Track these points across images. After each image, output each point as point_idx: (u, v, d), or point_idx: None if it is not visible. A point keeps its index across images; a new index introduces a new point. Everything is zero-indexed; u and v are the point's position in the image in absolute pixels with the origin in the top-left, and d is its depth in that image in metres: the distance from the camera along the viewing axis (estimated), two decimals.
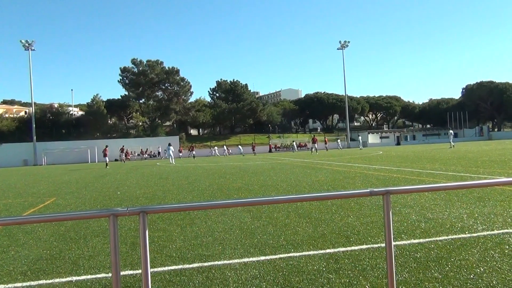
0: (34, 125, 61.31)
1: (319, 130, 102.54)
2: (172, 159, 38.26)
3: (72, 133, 69.68)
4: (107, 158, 37.80)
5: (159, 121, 78.55)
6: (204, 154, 61.21)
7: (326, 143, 57.34)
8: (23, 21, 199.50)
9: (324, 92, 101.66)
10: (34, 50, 62.67)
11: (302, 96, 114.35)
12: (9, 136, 64.77)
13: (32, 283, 4.46)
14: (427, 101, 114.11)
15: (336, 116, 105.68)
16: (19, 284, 4.43)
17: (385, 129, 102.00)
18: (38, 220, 2.79)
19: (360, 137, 64.51)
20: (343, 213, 7.40)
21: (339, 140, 62.36)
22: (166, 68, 77.98)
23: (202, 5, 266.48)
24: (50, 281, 4.49)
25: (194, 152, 53.90)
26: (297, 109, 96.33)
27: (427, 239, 5.43)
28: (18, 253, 5.82)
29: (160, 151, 62.70)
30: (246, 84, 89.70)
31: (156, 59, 78.09)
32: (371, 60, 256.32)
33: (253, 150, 61.82)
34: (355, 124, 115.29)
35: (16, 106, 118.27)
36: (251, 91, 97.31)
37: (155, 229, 6.84)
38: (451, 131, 45.96)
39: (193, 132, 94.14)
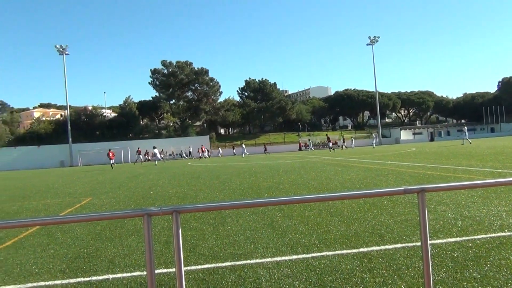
0: (69, 127, 63.21)
1: (349, 128, 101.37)
2: (156, 161, 40.85)
3: (105, 134, 71.28)
4: (112, 160, 38.45)
5: (190, 121, 79.42)
6: (231, 153, 61.33)
7: (330, 141, 54.09)
8: (57, 26, 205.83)
9: (354, 89, 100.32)
10: (68, 54, 64.60)
11: (332, 93, 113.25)
12: (46, 138, 66.89)
13: (71, 280, 4.59)
14: (461, 95, 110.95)
15: (366, 113, 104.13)
16: (59, 282, 4.57)
17: (417, 125, 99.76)
18: (75, 220, 2.87)
19: (374, 135, 62.61)
20: (376, 212, 7.29)
21: (375, 137, 59.86)
22: (196, 69, 78.81)
23: (230, 5, 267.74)
24: (88, 278, 4.61)
25: (205, 154, 52.86)
26: (326, 106, 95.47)
27: (464, 238, 5.28)
28: (57, 251, 6.00)
29: (191, 150, 63.38)
30: (274, 83, 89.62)
31: (186, 60, 79.11)
32: (402, 54, 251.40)
33: (265, 150, 60.36)
34: (387, 120, 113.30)
35: (52, 109, 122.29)
36: (280, 89, 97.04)
37: (188, 228, 6.92)
38: (465, 127, 44.77)
39: (223, 131, 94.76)
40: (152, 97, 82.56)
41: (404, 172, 14.66)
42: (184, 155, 61.79)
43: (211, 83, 79.51)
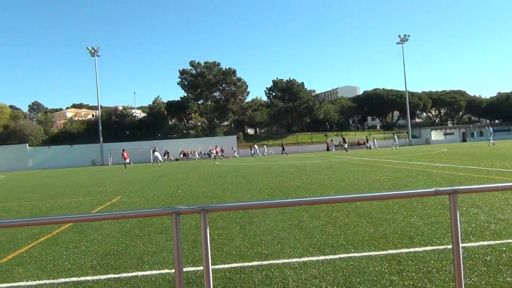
0: (100, 127, 64.71)
1: (378, 128, 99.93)
2: (159, 161, 42.50)
3: (135, 134, 72.59)
4: (127, 160, 40.37)
5: (217, 121, 79.97)
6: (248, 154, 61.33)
7: (346, 142, 52.23)
8: (89, 28, 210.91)
9: (383, 89, 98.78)
10: (99, 56, 66.22)
11: (360, 93, 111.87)
12: (78, 138, 68.65)
13: (101, 277, 4.69)
14: (495, 95, 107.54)
15: (396, 113, 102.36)
16: (90, 278, 4.68)
17: (449, 125, 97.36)
18: (106, 217, 2.94)
19: (395, 136, 60.82)
20: (406, 213, 7.16)
21: (396, 138, 58.38)
22: (223, 69, 79.30)
23: (257, 5, 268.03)
24: (118, 275, 4.70)
25: (218, 154, 52.18)
26: (355, 106, 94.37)
27: (498, 241, 5.12)
28: (88, 248, 6.15)
29: (218, 150, 63.83)
30: (302, 83, 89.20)
31: (214, 61, 79.73)
32: (433, 53, 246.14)
33: (283, 149, 59.05)
34: (417, 120, 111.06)
35: (84, 110, 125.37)
36: (308, 89, 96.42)
37: (215, 227, 6.97)
38: (490, 128, 43.41)
39: (250, 131, 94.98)
40: (180, 97, 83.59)
41: (435, 173, 14.34)
42: (213, 155, 62.20)
43: (238, 83, 79.85)
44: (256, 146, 57.70)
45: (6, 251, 6.22)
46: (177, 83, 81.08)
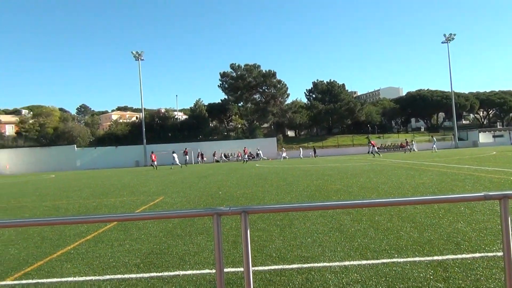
0: (144, 129, 66.44)
1: (422, 130, 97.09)
2: (178, 163, 42.74)
3: (177, 136, 73.86)
4: (155, 162, 42.31)
5: (257, 123, 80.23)
6: (296, 156, 60.88)
7: (373, 145, 48.32)
8: (133, 32, 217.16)
9: (427, 89, 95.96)
10: (143, 60, 67.96)
11: (403, 94, 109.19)
12: (123, 139, 70.71)
13: (145, 275, 4.81)
14: None
15: (441, 114, 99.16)
16: (134, 276, 4.81)
17: (498, 127, 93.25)
18: (149, 217, 3.02)
19: (434, 138, 58.39)
20: (452, 218, 6.92)
21: (435, 140, 56.15)
22: (263, 71, 79.46)
23: (296, 6, 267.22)
24: (160, 274, 4.81)
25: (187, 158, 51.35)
26: (398, 108, 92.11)
27: None
28: (132, 246, 6.32)
29: (258, 152, 64.03)
30: (343, 84, 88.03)
31: (254, 63, 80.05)
32: (481, 52, 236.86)
33: (314, 152, 57.71)
34: (463, 122, 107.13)
35: (128, 112, 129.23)
36: (349, 91, 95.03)
37: (255, 228, 6.99)
38: None
39: (290, 133, 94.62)
40: (221, 99, 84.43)
41: (483, 177, 13.77)
42: (255, 156, 62.49)
43: (278, 85, 79.75)
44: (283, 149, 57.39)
45: (55, 248, 6.49)
46: (218, 85, 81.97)
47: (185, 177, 23.82)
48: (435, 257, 4.79)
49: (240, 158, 62.06)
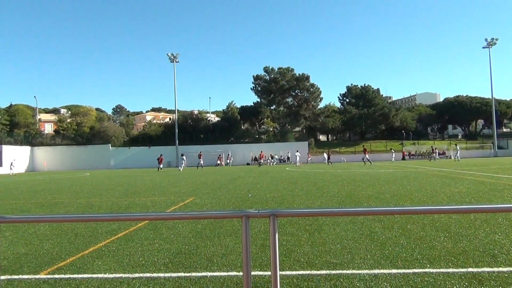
0: (177, 130, 67.40)
1: (460, 137, 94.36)
2: (181, 167, 44.28)
3: (209, 137, 74.56)
4: (161, 165, 44.50)
5: (289, 126, 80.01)
6: (332, 160, 60.26)
7: (365, 153, 47.76)
8: (168, 35, 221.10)
9: (466, 96, 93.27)
10: (178, 62, 68.96)
11: (441, 100, 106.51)
12: (156, 140, 71.92)
13: (173, 274, 4.87)
14: None
15: (480, 122, 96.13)
16: (162, 275, 4.87)
17: None
18: (179, 217, 3.06)
19: (457, 146, 56.04)
20: (489, 229, 6.68)
21: (458, 148, 53.91)
22: (297, 75, 79.24)
23: (331, 10, 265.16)
24: (188, 274, 4.85)
25: (201, 161, 50.80)
26: (434, 114, 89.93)
27: None
28: (161, 246, 6.41)
29: (289, 156, 63.83)
30: (377, 89, 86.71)
31: (287, 66, 79.92)
32: None
33: (328, 158, 54.80)
34: (504, 130, 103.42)
35: (162, 113, 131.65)
36: (383, 95, 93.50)
37: (284, 232, 6.96)
38: None
39: (322, 137, 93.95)
40: (253, 102, 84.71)
41: None
42: (260, 160, 62.43)
43: (311, 89, 79.33)
44: (297, 153, 56.23)
45: (87, 244, 6.66)
46: (251, 88, 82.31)
47: (216, 179, 24.00)
48: (470, 269, 4.63)
49: (263, 161, 61.16)
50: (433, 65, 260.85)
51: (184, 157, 45.92)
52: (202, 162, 50.36)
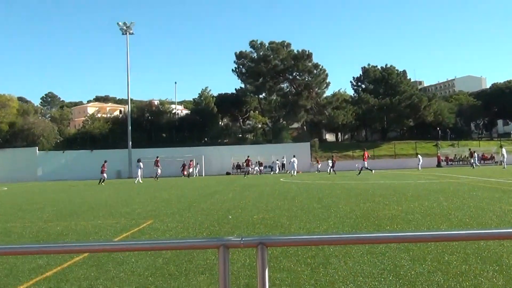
0: (130, 128, 66.86)
1: None
2: (139, 177, 44.32)
3: (174, 137, 74.42)
4: (104, 174, 44.37)
5: (284, 122, 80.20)
6: (343, 167, 60.55)
7: (366, 157, 48.94)
8: (118, 2, 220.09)
9: None
10: (132, 34, 68.75)
11: (487, 86, 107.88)
12: (102, 140, 71.45)
13: None
14: None
15: None
16: None
17: None
18: (132, 248, 3.02)
19: (503, 149, 56.40)
20: None
21: (504, 152, 53.92)
22: (295, 52, 79.47)
23: None
24: None
25: (158, 170, 51.12)
26: (479, 105, 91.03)
27: None
28: None
29: (285, 162, 63.95)
30: (403, 71, 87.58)
31: (282, 41, 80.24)
32: None
33: (332, 166, 54.20)
34: None
35: (110, 104, 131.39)
36: (411, 80, 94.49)
37: (277, 268, 6.95)
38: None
39: (329, 137, 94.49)
40: (236, 89, 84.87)
41: None
42: (277, 168, 62.43)
43: (315, 71, 79.67)
44: (288, 160, 57.16)
45: None
46: (232, 70, 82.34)
47: (184, 195, 23.92)
48: None
49: (252, 169, 61.42)
50: (477, 41, 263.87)
51: (141, 163, 45.61)
52: (159, 171, 50.11)
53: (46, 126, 74.12)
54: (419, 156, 58.58)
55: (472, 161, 56.28)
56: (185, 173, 57.91)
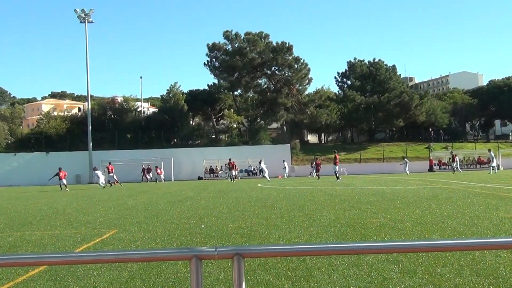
0: (90, 127, 66.23)
1: None
2: (101, 182, 45.01)
3: (140, 138, 73.88)
4: (63, 180, 43.99)
5: (262, 121, 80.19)
6: (327, 172, 60.58)
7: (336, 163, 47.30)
8: None
9: None
10: (92, 22, 68.21)
11: (484, 83, 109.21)
12: (58, 141, 70.60)
13: None
14: None
15: None
16: None
17: None
18: (94, 260, 3.01)
19: (491, 152, 56.35)
20: None
21: (493, 155, 54.51)
22: (274, 44, 79.47)
23: None
24: None
25: (114, 176, 50.45)
26: (475, 103, 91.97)
27: None
28: None
29: (263, 166, 63.96)
30: (393, 66, 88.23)
31: (259, 31, 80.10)
32: None
33: (317, 171, 54.22)
34: None
35: (67, 101, 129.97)
36: (401, 76, 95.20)
37: (254, 281, 6.98)
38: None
39: (312, 138, 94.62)
40: (208, 85, 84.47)
41: None
42: (258, 172, 62.53)
43: (295, 66, 79.75)
44: (285, 163, 58.06)
45: None
46: (204, 63, 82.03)
47: (151, 201, 23.83)
48: None
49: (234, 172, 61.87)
50: (473, 34, 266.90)
51: (98, 172, 45.65)
52: (115, 177, 49.65)
53: None
54: (405, 159, 59.04)
55: (454, 165, 56.43)
56: (149, 177, 57.16)
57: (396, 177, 47.05)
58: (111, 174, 49.16)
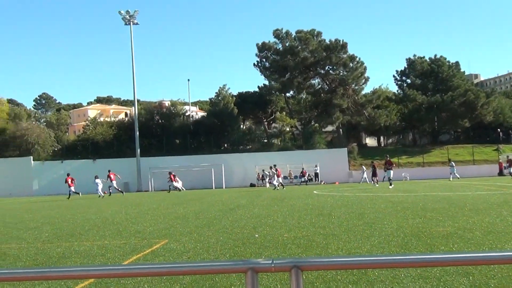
0: (137, 133, 67.02)
1: None
2: (100, 192, 46.46)
3: (189, 144, 74.28)
4: (72, 188, 45.85)
5: (316, 124, 79.76)
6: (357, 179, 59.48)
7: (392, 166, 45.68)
8: None
9: None
10: (137, 24, 69.13)
11: None
12: (105, 148, 71.50)
13: None
14: None
15: None
16: None
17: None
18: (144, 273, 3.03)
19: (452, 162, 54.50)
20: None
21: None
22: (327, 42, 79.09)
23: None
24: None
25: (114, 185, 50.71)
26: None
27: None
28: None
29: (318, 171, 63.67)
30: (456, 63, 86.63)
31: (311, 29, 79.78)
32: None
33: (374, 175, 51.12)
34: None
35: (114, 106, 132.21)
36: (465, 73, 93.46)
37: None
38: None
39: (370, 141, 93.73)
40: (258, 87, 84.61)
41: None
42: (313, 177, 62.41)
43: (351, 64, 79.15)
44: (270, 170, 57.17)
45: None
46: (254, 64, 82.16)
47: (202, 210, 23.98)
48: None
49: (290, 179, 62.12)
50: None
51: (98, 180, 47.64)
52: (115, 185, 49.83)
53: (41, 132, 74.33)
54: (452, 162, 56.84)
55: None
56: (176, 186, 56.13)
57: (463, 182, 46.22)
58: (112, 183, 49.78)
